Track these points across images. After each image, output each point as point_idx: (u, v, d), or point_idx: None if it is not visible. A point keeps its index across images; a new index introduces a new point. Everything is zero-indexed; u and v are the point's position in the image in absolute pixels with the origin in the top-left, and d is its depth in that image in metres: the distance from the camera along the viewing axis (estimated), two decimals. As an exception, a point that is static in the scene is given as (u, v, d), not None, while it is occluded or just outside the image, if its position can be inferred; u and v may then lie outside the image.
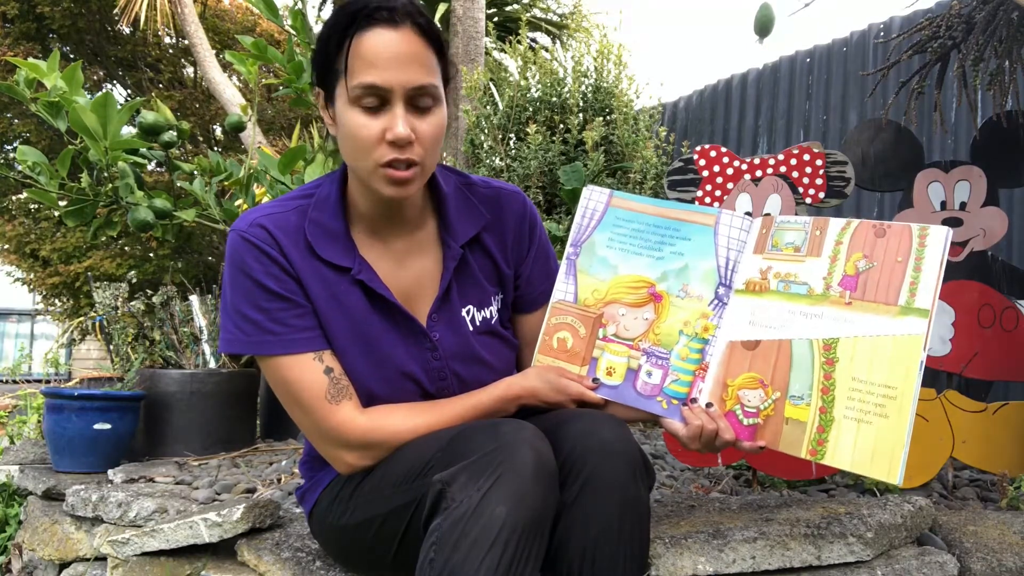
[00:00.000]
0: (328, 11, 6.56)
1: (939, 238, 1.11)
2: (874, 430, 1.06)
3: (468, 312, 1.21)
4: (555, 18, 6.48)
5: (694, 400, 1.17)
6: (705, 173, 1.88)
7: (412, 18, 1.05)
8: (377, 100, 1.04)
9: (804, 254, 1.19)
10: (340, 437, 1.12)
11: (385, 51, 1.03)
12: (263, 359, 1.12)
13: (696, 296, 1.21)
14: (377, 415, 1.13)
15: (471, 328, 1.21)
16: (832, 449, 1.08)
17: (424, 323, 1.18)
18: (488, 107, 3.11)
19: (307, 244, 1.13)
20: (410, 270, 1.19)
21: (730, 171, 1.87)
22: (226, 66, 6.07)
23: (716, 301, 1.20)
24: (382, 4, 1.04)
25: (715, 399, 1.16)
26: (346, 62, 1.04)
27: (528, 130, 2.82)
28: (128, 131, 2.40)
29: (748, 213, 1.83)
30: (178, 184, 2.50)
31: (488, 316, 1.23)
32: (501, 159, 2.91)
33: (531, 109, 3.03)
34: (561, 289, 1.26)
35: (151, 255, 5.99)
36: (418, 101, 1.06)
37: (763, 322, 1.17)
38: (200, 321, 2.51)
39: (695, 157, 1.90)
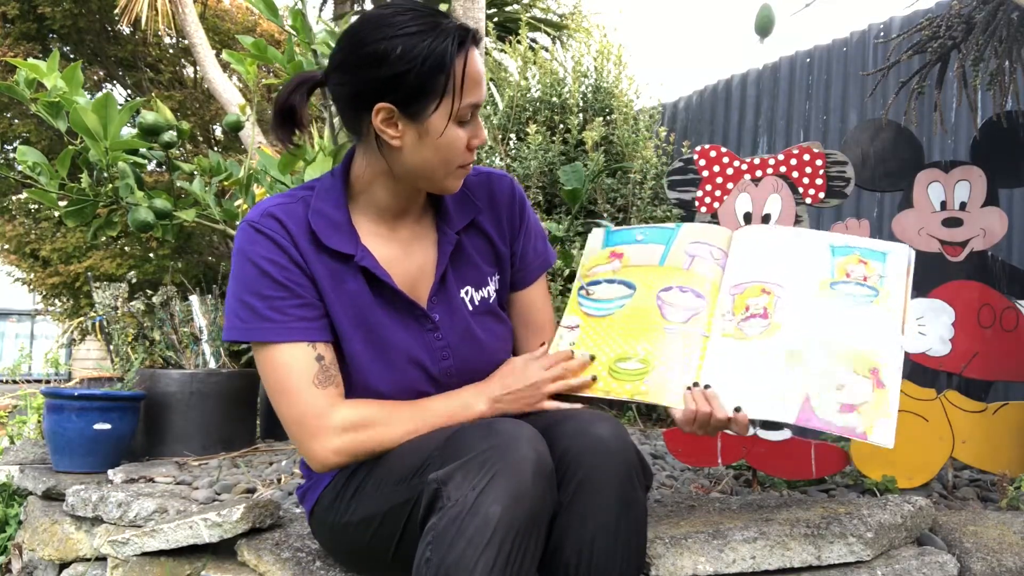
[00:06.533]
0: (329, 12, 6.54)
1: None
2: None
3: (467, 293, 1.26)
4: (555, 18, 6.48)
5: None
6: (705, 173, 1.87)
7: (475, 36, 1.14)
8: (471, 114, 1.13)
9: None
10: (319, 422, 1.11)
11: (480, 71, 1.14)
12: (259, 348, 1.14)
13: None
14: (360, 403, 1.15)
15: (470, 308, 1.25)
16: None
17: (425, 306, 1.21)
18: (488, 107, 3.11)
19: (312, 233, 1.16)
20: (415, 257, 1.24)
21: (730, 171, 1.87)
22: (226, 66, 6.06)
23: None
24: (470, 26, 1.12)
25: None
26: (460, 83, 1.09)
27: (528, 130, 2.82)
28: (128, 131, 2.39)
29: (748, 213, 1.84)
30: (178, 184, 2.49)
31: (486, 296, 1.28)
32: (501, 159, 2.91)
33: (531, 109, 3.03)
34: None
35: (151, 255, 5.98)
36: None
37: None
38: (200, 321, 2.51)
39: (695, 157, 1.90)
